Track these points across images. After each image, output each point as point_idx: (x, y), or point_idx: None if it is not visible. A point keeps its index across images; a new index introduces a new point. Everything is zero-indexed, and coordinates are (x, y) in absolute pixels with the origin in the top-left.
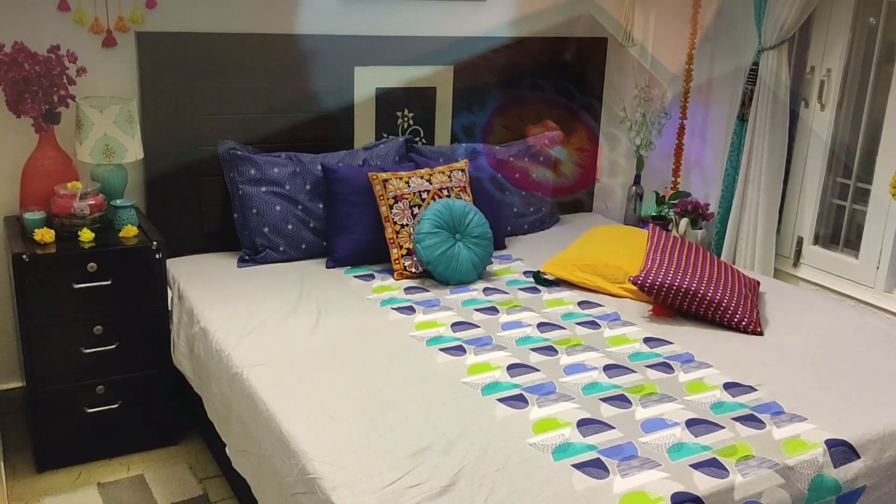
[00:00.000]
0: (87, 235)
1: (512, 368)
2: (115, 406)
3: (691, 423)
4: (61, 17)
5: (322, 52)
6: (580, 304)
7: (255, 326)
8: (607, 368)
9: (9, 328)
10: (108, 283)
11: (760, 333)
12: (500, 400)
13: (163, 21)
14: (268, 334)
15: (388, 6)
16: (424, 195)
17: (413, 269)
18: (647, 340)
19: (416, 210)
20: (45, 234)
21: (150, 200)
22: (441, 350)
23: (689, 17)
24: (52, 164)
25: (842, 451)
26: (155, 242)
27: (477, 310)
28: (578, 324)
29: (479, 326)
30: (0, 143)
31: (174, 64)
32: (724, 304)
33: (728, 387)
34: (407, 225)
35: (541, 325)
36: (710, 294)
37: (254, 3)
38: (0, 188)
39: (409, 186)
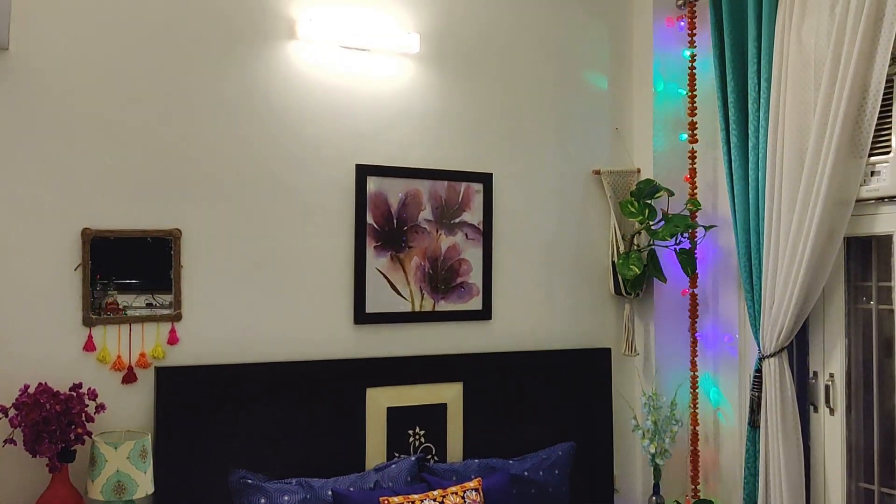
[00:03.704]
0: None
1: None
2: None
3: None
4: (86, 357)
5: (334, 376)
6: None
7: None
8: None
9: None
10: None
11: None
12: None
13: (182, 355)
14: None
15: (398, 329)
16: None
17: None
18: None
19: None
20: None
21: None
22: None
23: (687, 325)
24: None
25: None
26: None
27: None
28: None
29: None
30: (13, 483)
31: (190, 396)
32: None
33: None
34: None
35: None
36: None
37: (269, 335)
38: None
39: None
